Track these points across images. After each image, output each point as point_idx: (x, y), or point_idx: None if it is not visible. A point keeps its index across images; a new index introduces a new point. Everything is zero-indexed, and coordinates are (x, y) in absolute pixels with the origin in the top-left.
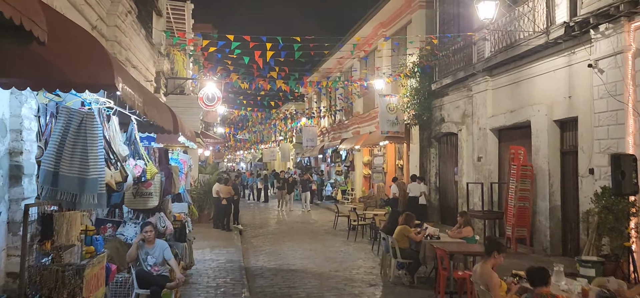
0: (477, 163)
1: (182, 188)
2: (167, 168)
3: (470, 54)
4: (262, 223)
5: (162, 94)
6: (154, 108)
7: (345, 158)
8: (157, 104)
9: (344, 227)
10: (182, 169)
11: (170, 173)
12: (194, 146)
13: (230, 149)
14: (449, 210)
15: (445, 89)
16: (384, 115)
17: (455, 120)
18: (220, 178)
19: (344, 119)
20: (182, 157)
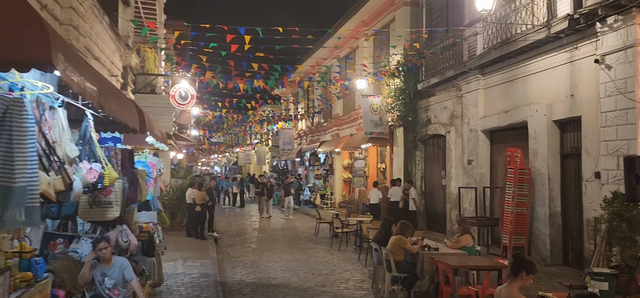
0: (468, 167)
1: (150, 195)
2: (131, 172)
3: (461, 51)
4: (239, 231)
5: (129, 92)
6: (114, 101)
7: (324, 161)
8: (119, 97)
9: (325, 234)
10: (150, 173)
11: (136, 179)
12: (165, 148)
13: (205, 152)
14: (436, 216)
15: (432, 88)
16: (367, 115)
17: (443, 122)
18: (193, 182)
19: (322, 121)
20: (150, 159)
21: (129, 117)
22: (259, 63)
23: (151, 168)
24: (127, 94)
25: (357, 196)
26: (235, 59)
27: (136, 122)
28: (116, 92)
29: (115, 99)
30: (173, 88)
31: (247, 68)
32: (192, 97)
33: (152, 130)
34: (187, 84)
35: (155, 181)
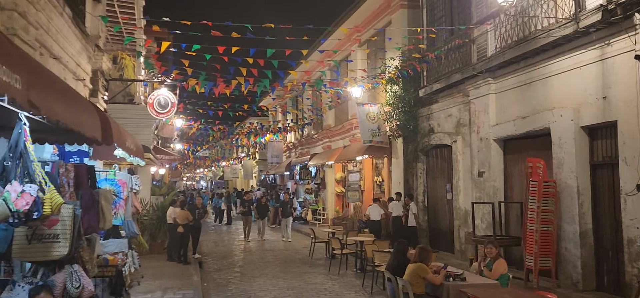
0: (478, 180)
1: (119, 220)
2: (89, 194)
3: (469, 53)
4: (226, 252)
5: (101, 100)
6: (57, 100)
7: (315, 175)
8: (69, 97)
9: (321, 254)
10: (120, 193)
11: (96, 202)
12: (142, 163)
13: (190, 167)
14: (440, 233)
15: (435, 95)
16: (364, 124)
17: (448, 131)
18: (175, 200)
19: (313, 132)
20: (121, 176)
21: (84, 124)
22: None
23: (121, 187)
24: (97, 102)
25: (352, 211)
26: (222, 63)
27: (97, 130)
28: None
29: (60, 96)
30: (151, 95)
31: (234, 73)
32: (173, 106)
33: (122, 141)
34: (167, 91)
35: (126, 202)
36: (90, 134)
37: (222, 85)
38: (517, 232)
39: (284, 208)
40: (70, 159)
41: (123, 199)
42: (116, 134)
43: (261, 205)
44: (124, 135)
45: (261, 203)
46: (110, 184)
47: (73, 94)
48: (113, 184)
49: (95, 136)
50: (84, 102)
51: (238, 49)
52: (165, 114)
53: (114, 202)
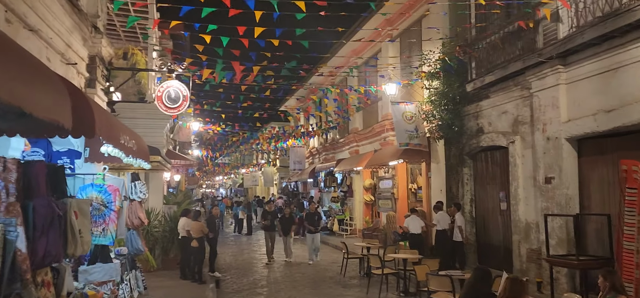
0: (545, 187)
1: (109, 238)
2: (46, 205)
3: (533, 39)
4: (247, 268)
5: (99, 90)
6: None
7: (341, 182)
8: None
9: (354, 272)
10: (110, 203)
11: (57, 217)
12: (147, 166)
13: (209, 174)
14: (492, 249)
15: (485, 90)
16: (400, 125)
17: (503, 130)
18: (187, 210)
19: (338, 137)
20: (111, 182)
21: (38, 101)
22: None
23: (112, 195)
24: (94, 94)
25: (384, 222)
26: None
27: (62, 114)
28: None
29: None
30: (160, 87)
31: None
32: (185, 99)
33: (114, 135)
34: (178, 83)
35: (118, 214)
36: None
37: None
38: (599, 251)
39: (310, 221)
40: (58, 161)
41: (114, 211)
42: (103, 124)
43: (285, 218)
44: (117, 128)
45: (285, 215)
46: (97, 192)
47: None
48: (101, 192)
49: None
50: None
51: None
52: (176, 109)
53: (102, 215)
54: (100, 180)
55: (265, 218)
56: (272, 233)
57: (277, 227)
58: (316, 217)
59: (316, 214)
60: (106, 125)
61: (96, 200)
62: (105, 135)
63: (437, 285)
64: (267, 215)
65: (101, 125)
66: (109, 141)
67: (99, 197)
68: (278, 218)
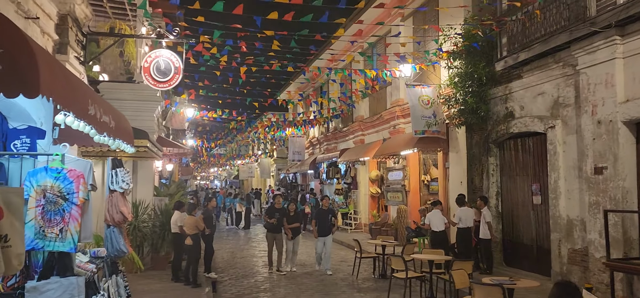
0: (595, 178)
1: (69, 243)
2: None
3: (583, 6)
4: (247, 268)
5: (72, 58)
6: None
7: (345, 173)
8: None
9: (367, 272)
10: (71, 194)
11: None
12: (129, 149)
13: (204, 166)
14: (522, 248)
15: (517, 68)
16: (416, 110)
17: (539, 114)
18: (180, 203)
19: (341, 126)
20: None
21: None
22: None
23: (73, 183)
24: (66, 61)
25: (394, 216)
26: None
27: None
28: None
29: None
30: (147, 57)
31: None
32: (177, 72)
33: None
34: (169, 52)
35: (82, 209)
36: None
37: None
38: None
39: (321, 221)
40: (13, 141)
41: (77, 205)
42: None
43: (290, 216)
44: (84, 94)
45: (290, 213)
46: (52, 179)
47: None
48: (58, 179)
49: None
50: None
51: None
52: (166, 83)
53: (59, 210)
54: (58, 163)
55: (272, 215)
56: (278, 236)
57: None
58: (329, 215)
59: (329, 212)
60: (62, 84)
61: (51, 190)
62: (61, 97)
63: (484, 295)
64: (274, 213)
65: (52, 82)
66: (68, 107)
67: (55, 186)
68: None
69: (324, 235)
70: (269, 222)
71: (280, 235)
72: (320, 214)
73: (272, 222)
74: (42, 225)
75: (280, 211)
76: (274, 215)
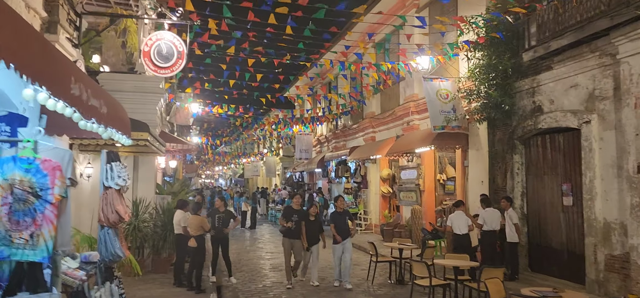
0: (637, 178)
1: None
2: None
3: None
4: (254, 271)
5: (63, 38)
6: None
7: (354, 172)
8: None
9: (382, 276)
10: (45, 190)
11: None
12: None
13: (209, 164)
14: (550, 253)
15: (546, 59)
16: (434, 104)
17: (572, 108)
18: (184, 202)
19: (350, 123)
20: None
21: None
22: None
23: (48, 176)
24: (56, 41)
25: (407, 217)
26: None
27: None
28: None
29: None
30: (147, 40)
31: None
32: (180, 57)
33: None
34: (171, 35)
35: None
36: None
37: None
38: None
39: (339, 224)
40: None
41: (52, 203)
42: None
43: (310, 221)
44: (63, 67)
45: (309, 215)
46: (22, 171)
47: None
48: (29, 171)
49: None
50: None
51: None
52: (168, 69)
53: (29, 210)
54: (29, 152)
55: (289, 218)
56: (296, 242)
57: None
58: (346, 218)
59: (346, 214)
60: (33, 50)
61: (20, 185)
62: (30, 66)
63: None
64: (291, 215)
65: (15, 43)
66: (40, 81)
67: (25, 180)
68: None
69: (342, 239)
70: (286, 226)
71: (299, 242)
72: (336, 217)
73: (289, 226)
74: (9, 228)
75: (299, 213)
76: (291, 217)
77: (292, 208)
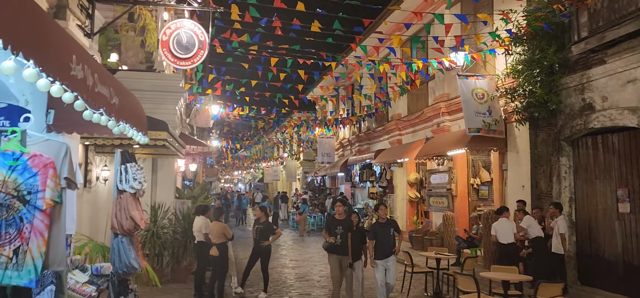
0: None
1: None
2: None
3: None
4: (279, 281)
5: (73, 25)
6: None
7: (380, 176)
8: None
9: (417, 288)
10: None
11: None
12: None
13: (228, 168)
14: (604, 265)
15: (598, 52)
16: (469, 105)
17: (629, 105)
18: (204, 207)
19: (374, 125)
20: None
21: None
22: None
23: (38, 175)
24: (66, 27)
25: (438, 223)
26: None
27: None
28: None
29: None
30: (165, 29)
31: None
32: (202, 47)
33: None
34: (192, 23)
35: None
36: None
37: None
38: None
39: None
40: None
41: (42, 210)
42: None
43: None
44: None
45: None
46: (5, 169)
47: None
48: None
49: None
50: None
51: None
52: (188, 61)
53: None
54: (15, 145)
55: (332, 231)
56: (343, 259)
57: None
58: (391, 230)
59: (390, 225)
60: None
61: (3, 188)
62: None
63: None
64: (335, 227)
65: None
66: (26, 52)
67: (9, 180)
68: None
69: (384, 257)
70: (330, 241)
71: (346, 259)
72: (378, 229)
73: (332, 241)
74: None
75: (344, 224)
76: (334, 230)
77: (335, 218)
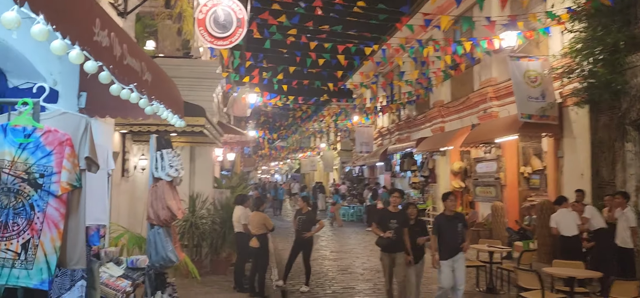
0: None
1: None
2: None
3: None
4: (320, 274)
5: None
6: None
7: (421, 165)
8: None
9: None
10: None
11: None
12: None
13: (265, 159)
14: None
15: None
16: (521, 88)
17: None
18: (243, 197)
19: (415, 113)
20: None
21: None
22: None
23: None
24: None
25: (485, 214)
26: None
27: None
28: None
29: None
30: (202, 7)
31: None
32: (240, 25)
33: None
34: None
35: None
36: None
37: None
38: None
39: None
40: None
41: (57, 196)
42: None
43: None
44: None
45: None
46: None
47: None
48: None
49: None
50: None
51: None
52: (226, 40)
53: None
54: (26, 119)
55: (386, 225)
56: (399, 257)
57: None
58: (459, 224)
59: (458, 219)
60: None
61: (12, 169)
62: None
63: None
64: (388, 220)
65: None
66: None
67: (18, 161)
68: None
69: (451, 256)
70: (383, 237)
71: (402, 256)
72: (443, 223)
73: (388, 236)
74: None
75: (399, 217)
76: (387, 223)
77: (389, 211)
